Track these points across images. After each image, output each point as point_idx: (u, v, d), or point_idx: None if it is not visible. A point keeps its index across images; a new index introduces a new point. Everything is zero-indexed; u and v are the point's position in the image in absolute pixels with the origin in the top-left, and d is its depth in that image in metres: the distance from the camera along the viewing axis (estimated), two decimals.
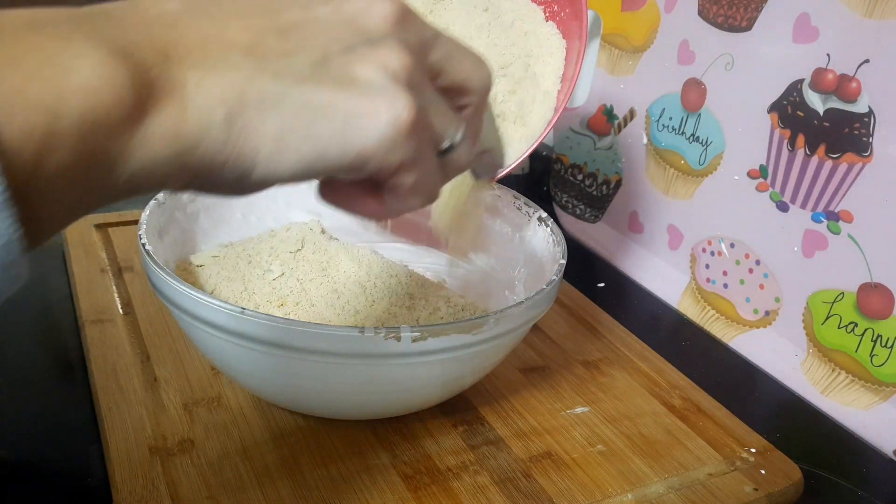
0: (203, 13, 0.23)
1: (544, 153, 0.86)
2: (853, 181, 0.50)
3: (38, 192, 0.19)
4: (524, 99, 0.45)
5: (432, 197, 0.28)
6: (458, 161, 0.28)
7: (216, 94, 0.22)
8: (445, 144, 0.27)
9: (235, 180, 0.23)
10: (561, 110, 0.44)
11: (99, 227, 0.62)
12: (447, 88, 0.28)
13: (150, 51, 0.21)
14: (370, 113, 0.23)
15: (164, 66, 0.21)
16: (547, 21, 0.46)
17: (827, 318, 0.53)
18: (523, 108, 0.45)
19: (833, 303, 0.52)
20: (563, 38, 0.46)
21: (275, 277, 0.48)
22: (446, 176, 0.29)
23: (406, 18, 0.25)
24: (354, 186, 0.27)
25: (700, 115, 0.62)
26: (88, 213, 0.22)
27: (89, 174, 0.20)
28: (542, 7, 0.47)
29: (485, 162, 0.37)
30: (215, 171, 0.22)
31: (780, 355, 0.56)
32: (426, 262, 0.55)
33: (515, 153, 0.45)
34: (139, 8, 0.22)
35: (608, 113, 0.72)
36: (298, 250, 0.52)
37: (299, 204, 0.56)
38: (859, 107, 0.49)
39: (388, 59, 0.24)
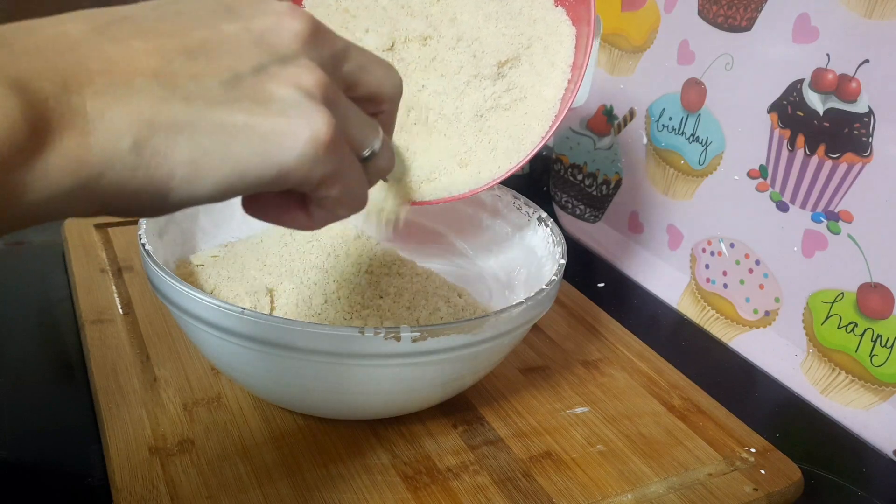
0: (106, 35, 0.22)
1: (544, 153, 0.86)
2: (853, 181, 0.50)
3: None
4: (534, 87, 0.45)
5: (360, 205, 0.28)
6: (380, 166, 0.29)
7: (122, 121, 0.21)
8: (367, 153, 0.28)
9: (151, 204, 0.22)
10: (571, 101, 0.44)
11: (99, 227, 0.62)
12: (361, 98, 0.28)
13: (48, 79, 0.20)
14: (288, 131, 0.23)
15: (63, 95, 0.20)
16: (556, 7, 0.45)
17: (827, 318, 0.53)
18: (533, 98, 0.45)
19: (833, 303, 0.52)
20: (573, 24, 0.45)
21: (274, 277, 0.48)
22: (370, 182, 0.29)
23: (316, 33, 0.25)
24: (281, 198, 0.27)
25: (700, 115, 0.62)
26: None
27: None
28: None
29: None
30: (126, 197, 0.22)
31: (779, 355, 0.56)
32: (426, 262, 0.55)
33: (530, 142, 0.44)
34: (38, 31, 0.21)
35: (608, 113, 0.72)
36: (298, 249, 0.52)
37: None
38: (859, 107, 0.49)
39: (301, 77, 0.24)
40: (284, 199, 0.28)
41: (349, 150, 0.26)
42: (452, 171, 0.44)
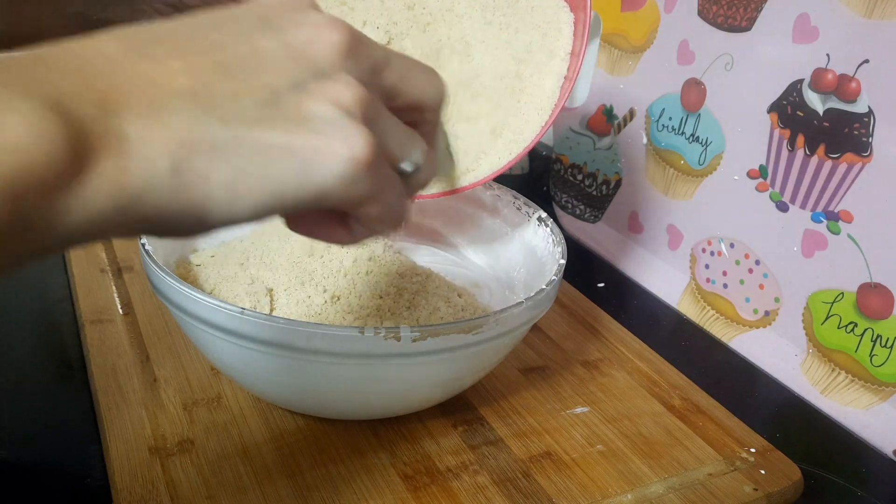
0: (143, 54, 0.22)
1: (544, 153, 0.86)
2: (853, 181, 0.50)
3: None
4: (532, 77, 0.45)
5: (400, 221, 0.28)
6: (421, 179, 0.28)
7: (160, 144, 0.21)
8: (409, 168, 0.27)
9: (191, 226, 0.22)
10: (570, 89, 0.44)
11: None
12: (402, 108, 0.27)
13: (88, 101, 0.20)
14: (327, 151, 0.23)
15: (103, 117, 0.20)
16: None
17: (827, 318, 0.53)
18: (533, 87, 0.45)
19: (833, 303, 0.52)
20: (571, 10, 0.45)
21: (274, 276, 0.48)
22: (411, 195, 0.28)
23: (355, 45, 0.25)
24: (320, 215, 0.27)
25: (700, 115, 0.62)
26: (26, 266, 0.20)
27: (24, 235, 0.19)
28: None
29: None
30: (167, 220, 0.21)
31: (779, 355, 0.56)
32: (426, 262, 0.55)
33: (531, 129, 0.44)
34: (75, 51, 0.21)
35: (608, 113, 0.72)
36: (298, 249, 0.52)
37: None
38: (859, 107, 0.49)
39: (340, 94, 0.23)
40: (324, 216, 0.27)
41: (389, 168, 0.26)
42: (489, 150, 0.44)
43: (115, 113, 0.20)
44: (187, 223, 0.22)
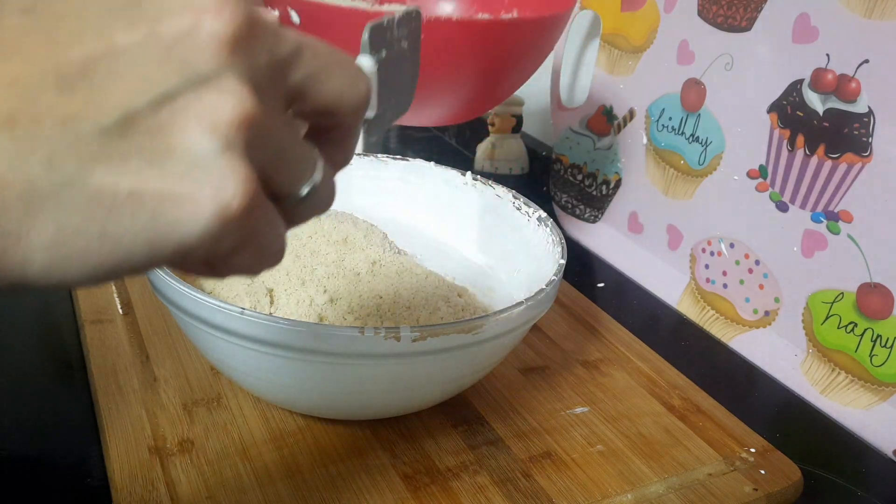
0: None
1: (544, 153, 0.86)
2: (853, 181, 0.50)
3: None
4: None
5: (275, 263, 0.22)
6: (316, 205, 0.22)
7: None
8: (304, 192, 0.21)
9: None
10: None
11: None
12: (312, 112, 0.22)
13: None
14: (189, 201, 0.17)
15: None
16: None
17: (826, 318, 0.53)
18: None
19: (833, 303, 0.52)
20: None
21: (274, 276, 0.48)
22: (298, 223, 0.22)
23: (249, 35, 0.18)
24: None
25: (700, 115, 0.62)
26: None
27: None
28: None
29: (385, 119, 0.30)
30: None
31: (779, 355, 0.56)
32: (426, 262, 0.55)
33: None
34: None
35: (608, 113, 0.72)
36: (298, 249, 0.52)
37: None
38: (859, 107, 0.49)
39: (218, 110, 0.17)
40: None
41: (269, 208, 0.20)
42: None
43: None
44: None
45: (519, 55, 0.59)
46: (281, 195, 0.21)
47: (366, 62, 0.27)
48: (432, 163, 0.58)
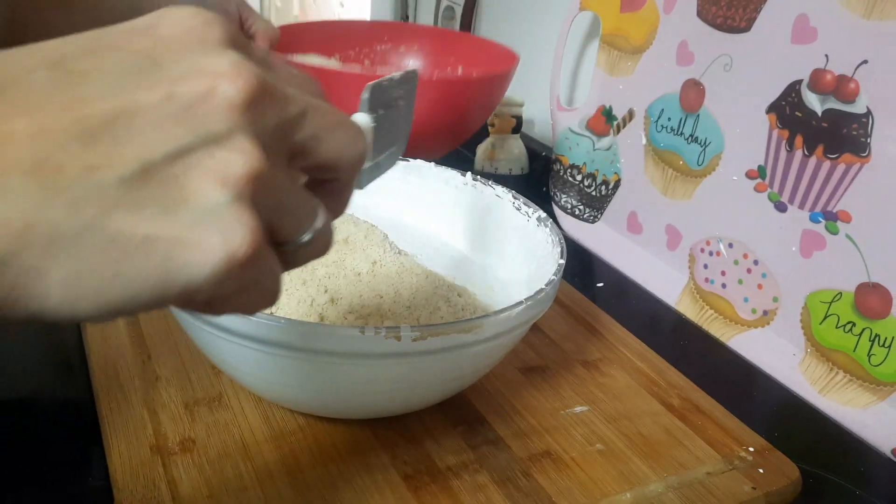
0: None
1: (543, 153, 0.86)
2: (851, 181, 0.50)
3: None
4: None
5: (270, 304, 0.23)
6: (313, 252, 0.24)
7: None
8: (305, 238, 0.23)
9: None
10: None
11: None
12: (312, 168, 0.24)
13: None
14: (198, 247, 0.19)
15: None
16: None
17: (825, 317, 0.53)
18: None
19: (831, 302, 0.53)
20: None
21: None
22: (295, 266, 0.24)
23: (261, 98, 0.20)
24: None
25: (699, 115, 0.62)
26: None
27: None
28: None
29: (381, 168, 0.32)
30: None
31: (778, 355, 0.56)
32: (426, 262, 0.55)
33: None
34: None
35: (607, 113, 0.73)
36: None
37: None
38: (858, 107, 0.50)
39: (230, 166, 0.19)
40: None
41: (271, 255, 0.22)
42: None
43: None
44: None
45: (474, 105, 0.76)
46: (283, 241, 0.23)
47: (363, 120, 0.29)
48: (432, 163, 0.58)
